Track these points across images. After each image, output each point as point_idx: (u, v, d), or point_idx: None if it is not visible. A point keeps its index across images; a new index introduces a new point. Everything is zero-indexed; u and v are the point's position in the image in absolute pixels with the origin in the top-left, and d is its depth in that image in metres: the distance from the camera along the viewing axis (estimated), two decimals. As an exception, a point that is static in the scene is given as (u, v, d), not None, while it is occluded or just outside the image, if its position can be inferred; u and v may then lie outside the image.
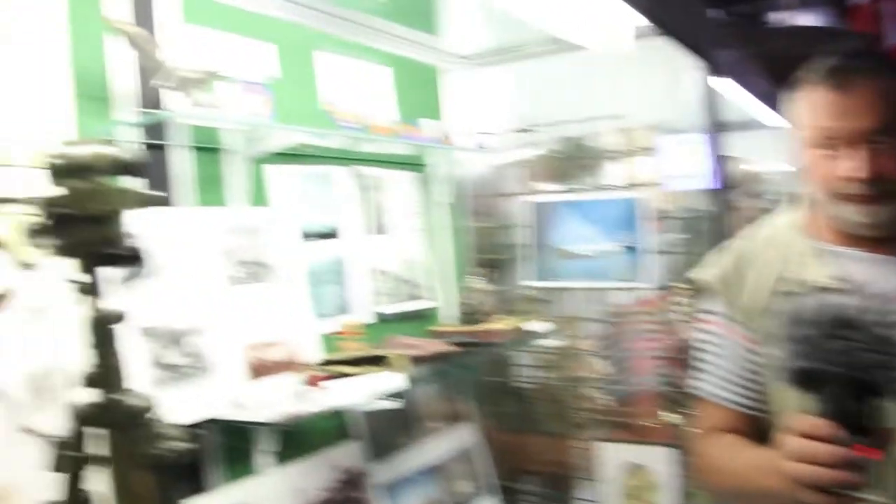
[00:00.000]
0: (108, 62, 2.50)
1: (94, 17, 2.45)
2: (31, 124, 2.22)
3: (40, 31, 2.28)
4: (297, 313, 2.98)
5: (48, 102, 2.27)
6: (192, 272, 2.63)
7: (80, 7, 2.41)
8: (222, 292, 2.74)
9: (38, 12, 2.27)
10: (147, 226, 1.66)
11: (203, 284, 2.67)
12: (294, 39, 3.19)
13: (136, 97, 2.54)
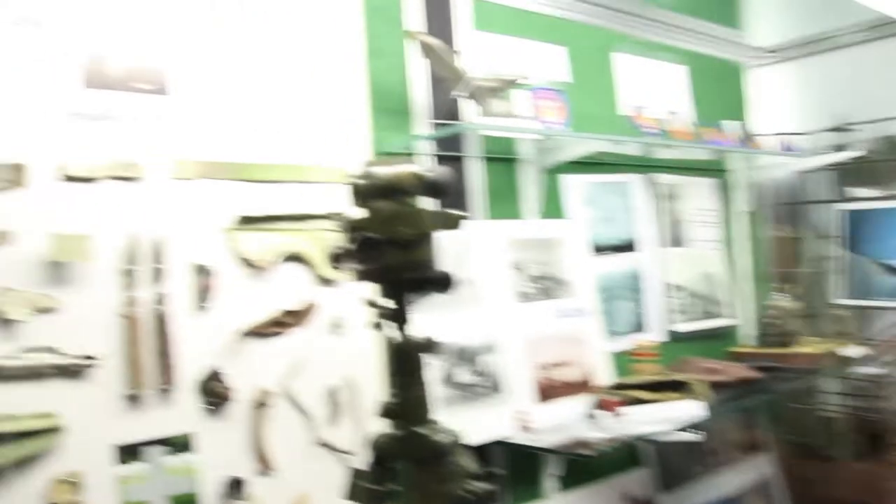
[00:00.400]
0: (404, 75, 2.47)
1: (389, 31, 2.46)
2: (328, 139, 2.24)
3: (337, 46, 2.30)
4: (588, 331, 2.80)
5: (345, 117, 2.29)
6: (485, 287, 2.54)
7: (376, 21, 2.42)
8: (513, 308, 2.63)
9: (335, 27, 2.30)
10: (451, 245, 1.55)
11: (495, 300, 2.58)
12: (587, 41, 3.02)
13: (431, 109, 2.50)
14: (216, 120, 2.04)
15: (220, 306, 2.00)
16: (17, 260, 1.74)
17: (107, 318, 1.84)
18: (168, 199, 1.95)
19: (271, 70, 2.15)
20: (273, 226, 2.10)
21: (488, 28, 2.72)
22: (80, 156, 1.83)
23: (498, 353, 2.53)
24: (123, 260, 1.87)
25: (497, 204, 2.67)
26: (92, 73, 1.86)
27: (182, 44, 2.01)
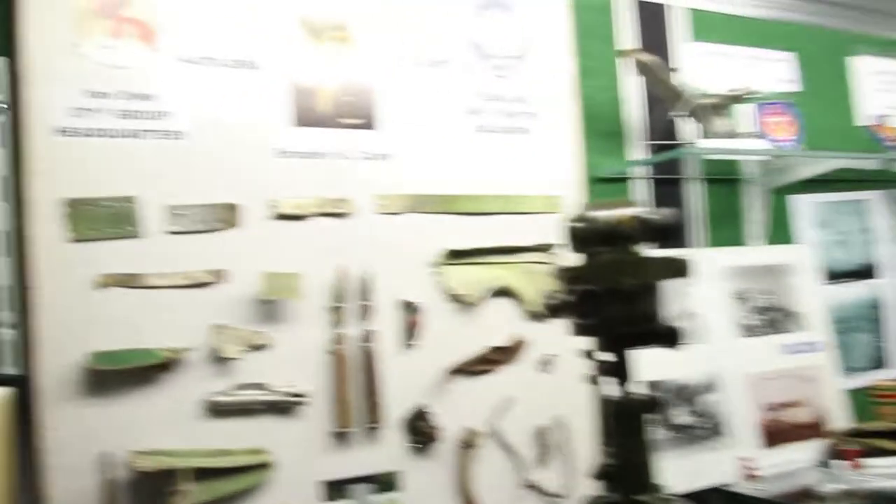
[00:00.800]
0: (618, 95, 2.34)
1: (601, 49, 2.35)
2: (539, 166, 2.14)
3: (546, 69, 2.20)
4: (821, 368, 2.52)
5: (556, 142, 2.17)
6: (705, 320, 2.34)
7: (587, 40, 2.31)
8: (736, 343, 2.41)
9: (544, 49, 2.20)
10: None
11: (716, 334, 2.37)
12: (818, 44, 2.73)
13: (646, 131, 2.34)
14: (424, 152, 2.00)
15: (428, 343, 1.95)
16: (231, 298, 1.77)
17: (315, 355, 1.84)
18: (376, 235, 1.93)
19: (479, 98, 2.08)
20: (481, 259, 2.03)
21: (707, 38, 2.52)
22: (290, 193, 1.84)
23: (719, 391, 2.33)
24: (332, 297, 1.86)
25: (718, 229, 2.47)
26: (301, 110, 1.87)
27: (389, 77, 1.99)
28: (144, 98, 1.74)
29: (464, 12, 2.09)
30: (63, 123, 1.67)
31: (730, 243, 2.49)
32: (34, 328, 1.62)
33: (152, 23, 1.76)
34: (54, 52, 1.67)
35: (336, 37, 1.93)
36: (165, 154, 1.75)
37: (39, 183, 1.64)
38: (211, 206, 1.77)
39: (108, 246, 1.69)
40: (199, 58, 1.79)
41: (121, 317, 1.68)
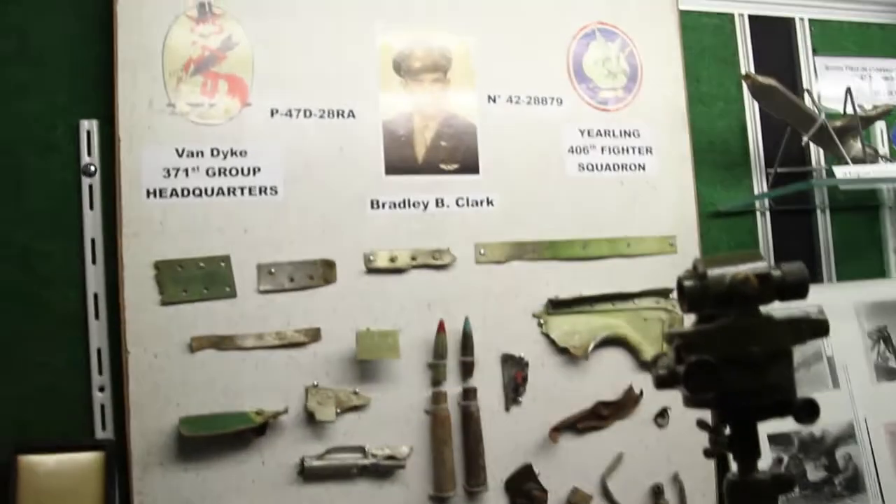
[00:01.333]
0: (736, 121, 2.17)
1: (717, 72, 2.19)
2: (648, 204, 1.99)
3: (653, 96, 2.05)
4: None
5: (666, 174, 2.01)
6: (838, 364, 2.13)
7: (700, 63, 2.17)
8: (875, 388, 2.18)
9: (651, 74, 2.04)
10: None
11: (851, 379, 2.15)
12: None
13: (764, 157, 2.16)
14: (525, 195, 1.89)
15: (533, 399, 1.83)
16: (326, 357, 1.71)
17: (414, 415, 1.76)
18: (477, 285, 1.83)
19: (583, 134, 1.95)
20: (589, 307, 1.89)
21: (835, 51, 2.31)
22: (386, 246, 1.76)
23: (857, 443, 2.09)
24: (431, 353, 1.76)
25: (851, 262, 2.24)
26: (397, 158, 1.80)
27: (487, 117, 1.89)
28: (237, 154, 1.70)
29: (565, 43, 1.96)
30: (155, 184, 1.65)
31: (865, 276, 2.26)
32: (126, 392, 1.59)
33: (245, 77, 1.72)
34: (147, 112, 1.66)
35: (432, 79, 1.84)
36: (258, 211, 1.71)
37: (131, 245, 1.63)
38: (304, 263, 1.71)
39: (200, 307, 1.65)
40: (292, 110, 1.74)
41: (213, 379, 1.65)
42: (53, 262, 1.65)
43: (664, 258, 1.97)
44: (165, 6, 1.69)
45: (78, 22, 1.70)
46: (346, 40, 1.80)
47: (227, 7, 1.73)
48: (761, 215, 2.17)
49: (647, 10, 2.04)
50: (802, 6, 2.29)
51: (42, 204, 1.66)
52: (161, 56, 1.67)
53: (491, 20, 1.91)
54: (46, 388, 1.63)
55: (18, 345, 1.62)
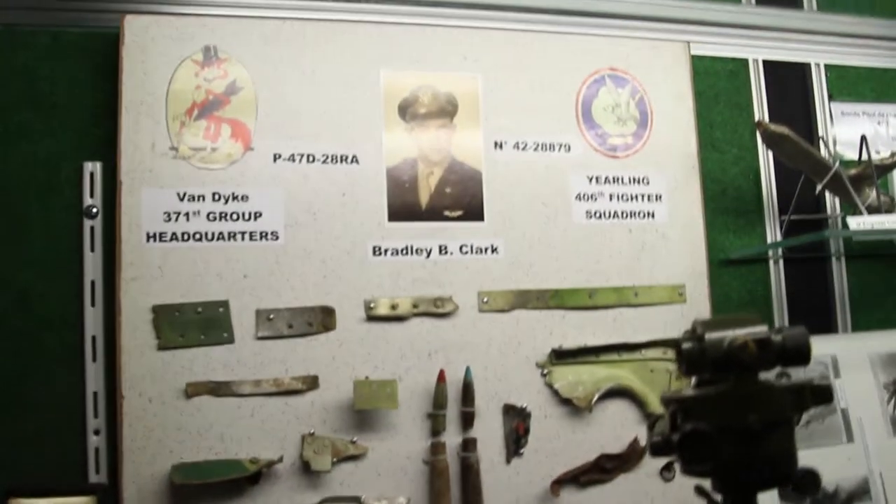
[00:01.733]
0: (748, 168, 2.14)
1: (729, 118, 2.16)
2: (654, 251, 1.96)
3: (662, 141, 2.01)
4: None
5: (678, 224, 1.98)
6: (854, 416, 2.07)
7: (711, 109, 2.14)
8: (892, 443, 2.11)
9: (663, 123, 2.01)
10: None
11: (868, 432, 2.09)
12: None
13: (783, 205, 2.11)
14: (530, 242, 1.86)
15: (535, 451, 1.79)
16: (323, 405, 1.69)
17: (412, 465, 1.72)
18: (479, 334, 1.80)
19: (591, 181, 1.93)
20: (594, 357, 1.85)
21: (851, 97, 2.27)
22: (387, 293, 1.74)
23: (871, 499, 2.03)
24: (430, 403, 1.73)
25: (867, 311, 2.19)
26: (400, 204, 1.78)
27: (493, 163, 1.87)
28: (238, 199, 1.69)
29: (574, 89, 1.94)
30: (155, 227, 1.65)
31: (882, 326, 2.20)
32: (119, 436, 1.58)
33: (249, 122, 1.72)
34: (149, 155, 1.66)
35: (437, 125, 1.83)
36: (258, 256, 1.70)
37: (129, 288, 1.62)
38: (303, 310, 1.69)
39: (197, 352, 1.64)
40: (295, 154, 1.74)
41: (208, 426, 1.63)
42: (53, 304, 1.65)
43: (673, 308, 1.93)
44: (171, 50, 1.70)
45: (85, 65, 1.72)
46: (351, 85, 1.79)
47: (233, 51, 1.73)
48: (774, 263, 2.13)
49: (659, 56, 2.02)
50: (818, 52, 2.26)
51: (43, 245, 1.66)
52: (165, 100, 1.67)
53: (498, 65, 1.90)
54: (42, 429, 1.62)
55: (15, 385, 1.62)
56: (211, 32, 1.72)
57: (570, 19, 2.01)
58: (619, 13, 2.05)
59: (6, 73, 1.69)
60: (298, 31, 1.78)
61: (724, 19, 2.17)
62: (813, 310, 2.16)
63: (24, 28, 1.71)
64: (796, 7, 2.28)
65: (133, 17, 1.68)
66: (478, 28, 1.91)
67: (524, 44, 1.92)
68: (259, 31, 1.76)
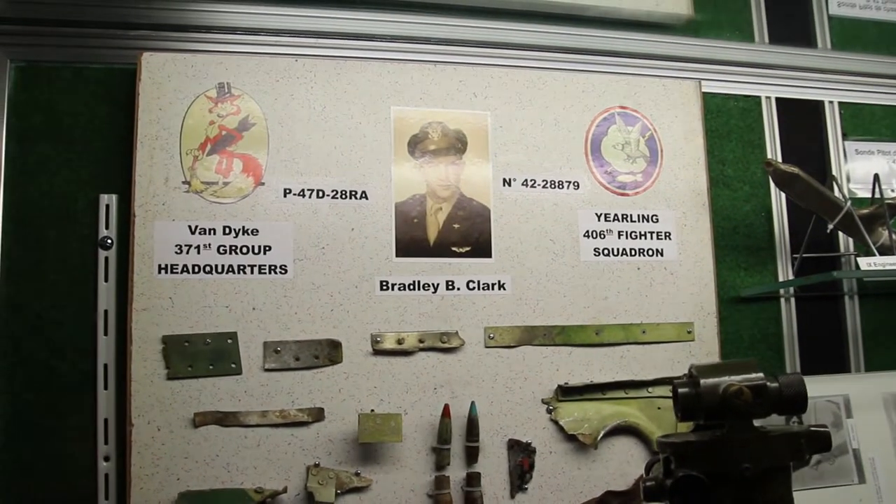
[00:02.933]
0: (759, 206, 2.14)
1: (740, 155, 2.17)
2: (663, 290, 1.97)
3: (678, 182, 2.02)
4: None
5: (688, 262, 1.99)
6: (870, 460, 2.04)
7: (722, 146, 2.16)
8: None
9: (673, 161, 2.03)
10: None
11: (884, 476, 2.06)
12: None
13: (795, 243, 2.11)
14: (538, 279, 1.88)
15: (539, 486, 1.79)
16: (328, 438, 1.70)
17: (416, 499, 1.73)
18: (485, 369, 1.81)
19: (600, 219, 1.94)
20: (601, 395, 1.85)
21: (865, 135, 2.27)
22: (393, 327, 1.76)
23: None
24: (435, 437, 1.74)
25: (880, 351, 2.17)
26: (408, 240, 1.80)
27: (501, 200, 1.88)
28: (248, 233, 1.72)
29: (584, 127, 1.96)
30: (167, 259, 1.68)
31: (895, 367, 2.18)
32: (128, 463, 1.61)
33: (260, 157, 1.75)
34: (163, 189, 1.70)
35: (447, 162, 1.85)
36: (267, 289, 1.72)
37: (140, 319, 1.65)
38: (310, 343, 1.72)
39: (205, 382, 1.67)
40: (305, 190, 1.77)
41: (215, 455, 1.65)
42: (67, 332, 1.68)
43: (681, 346, 1.93)
44: (186, 87, 1.74)
45: (103, 100, 1.77)
46: (362, 121, 1.83)
47: (246, 88, 1.77)
48: (786, 301, 2.12)
49: (669, 94, 2.04)
50: (832, 90, 2.26)
51: (59, 274, 1.70)
52: (179, 134, 1.71)
53: (508, 103, 1.92)
54: (53, 454, 1.65)
55: (28, 411, 1.65)
56: (225, 69, 1.77)
57: (581, 58, 2.03)
58: (629, 52, 2.07)
59: (29, 106, 1.74)
60: (310, 69, 1.81)
61: (737, 58, 2.18)
62: (825, 349, 2.14)
63: (48, 64, 1.76)
64: (810, 45, 2.28)
65: (150, 55, 1.73)
66: (488, 65, 1.94)
67: (534, 81, 1.95)
68: (271, 69, 1.79)
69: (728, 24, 2.22)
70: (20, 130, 1.73)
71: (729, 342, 2.01)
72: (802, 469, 1.93)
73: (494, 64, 1.95)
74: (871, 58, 2.31)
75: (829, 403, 2.05)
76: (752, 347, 2.06)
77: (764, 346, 2.07)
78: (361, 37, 1.91)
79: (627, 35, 2.08)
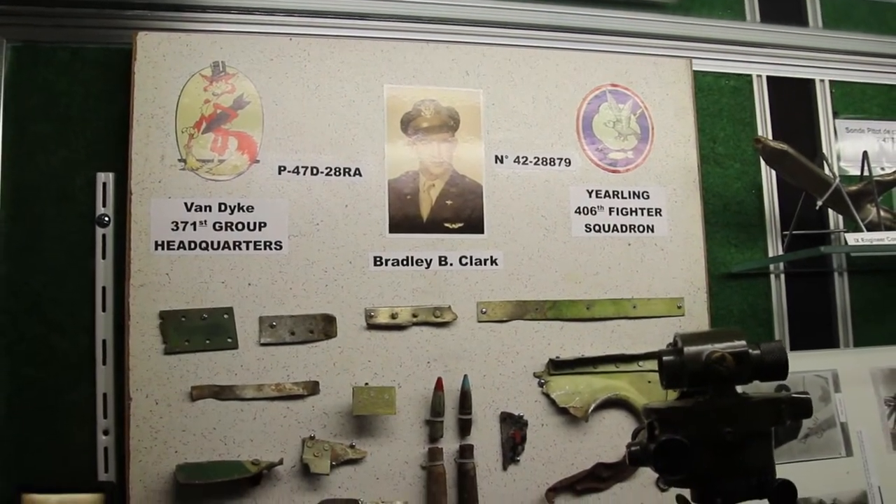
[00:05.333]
0: (749, 183, 2.16)
1: (731, 133, 2.18)
2: (652, 264, 1.99)
3: (669, 160, 2.04)
4: None
5: (678, 237, 2.02)
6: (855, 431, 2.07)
7: (714, 124, 2.17)
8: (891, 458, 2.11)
9: (664, 139, 2.04)
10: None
11: (867, 447, 2.09)
12: None
13: (785, 220, 2.13)
14: (530, 254, 1.90)
15: (531, 458, 1.83)
16: (323, 411, 1.73)
17: (410, 471, 1.76)
18: (477, 344, 1.84)
19: (591, 195, 1.96)
20: (591, 368, 1.88)
21: (855, 114, 2.28)
22: (387, 302, 1.79)
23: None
24: (429, 410, 1.77)
25: (868, 326, 2.19)
26: (402, 216, 1.83)
27: (494, 176, 1.91)
28: (244, 210, 1.75)
29: (575, 104, 1.98)
30: (163, 236, 1.70)
31: (884, 342, 2.20)
32: (127, 437, 1.64)
33: (255, 135, 1.78)
34: (159, 167, 1.72)
35: (439, 139, 1.87)
36: (262, 265, 1.75)
37: (138, 295, 1.68)
38: (305, 317, 1.74)
39: (202, 357, 1.70)
40: (300, 167, 1.79)
41: (212, 428, 1.68)
42: (65, 309, 1.71)
43: (671, 320, 1.96)
44: (181, 66, 1.76)
45: (100, 80, 1.79)
46: (355, 99, 1.85)
47: (240, 66, 1.79)
48: (776, 278, 2.14)
49: (660, 73, 2.06)
50: (823, 68, 2.28)
51: (56, 252, 1.72)
52: (175, 113, 1.74)
53: (500, 81, 1.94)
54: (54, 429, 1.68)
55: (28, 387, 1.68)
56: (220, 49, 1.79)
57: (572, 36, 2.05)
58: (621, 30, 2.08)
59: (26, 86, 1.76)
60: (304, 47, 1.83)
61: (728, 36, 2.19)
62: (814, 324, 2.17)
63: (44, 44, 1.78)
64: (801, 24, 2.30)
65: (145, 34, 1.75)
66: (480, 44, 1.96)
67: (526, 60, 1.97)
68: (266, 47, 1.82)
69: (719, 2, 2.23)
70: (17, 110, 1.75)
71: (719, 317, 2.04)
72: (791, 442, 1.98)
73: (487, 42, 1.97)
74: (862, 36, 2.32)
75: (818, 378, 2.08)
76: (742, 323, 2.09)
77: (754, 322, 2.10)
78: (354, 16, 1.92)
79: (619, 14, 2.10)
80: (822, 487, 2.00)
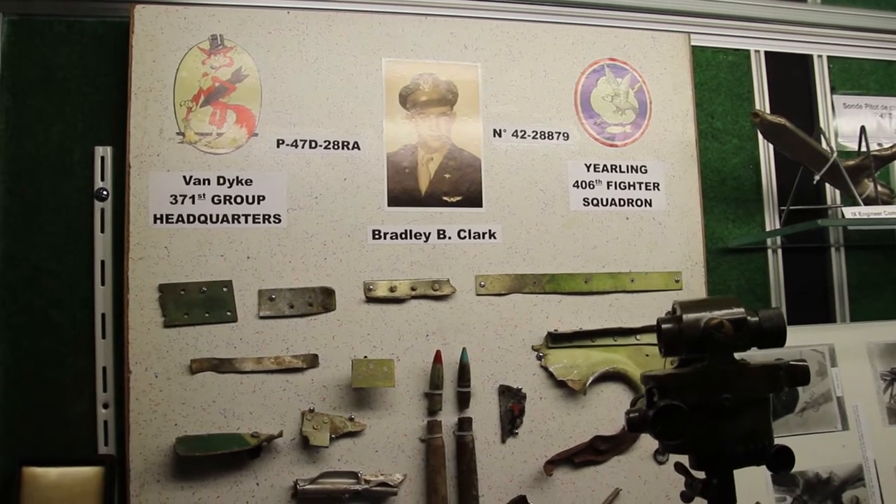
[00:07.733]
0: (747, 158, 2.17)
1: (729, 108, 2.18)
2: (651, 238, 1.99)
3: (667, 134, 2.04)
4: None
5: (676, 212, 2.02)
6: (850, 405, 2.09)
7: (712, 99, 2.17)
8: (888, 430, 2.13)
9: (663, 113, 2.04)
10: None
11: (863, 420, 2.11)
12: None
13: (783, 195, 2.13)
14: (528, 228, 1.91)
15: (529, 431, 1.84)
16: (323, 383, 1.74)
17: (408, 443, 1.77)
18: (476, 317, 1.84)
19: (589, 169, 1.96)
20: (590, 342, 1.89)
21: (853, 89, 2.28)
22: (386, 276, 1.79)
23: (865, 486, 2.05)
24: (427, 383, 1.78)
25: (865, 301, 2.20)
26: (400, 190, 1.83)
27: (492, 150, 1.91)
28: (242, 183, 1.75)
29: (573, 79, 1.98)
30: (162, 210, 1.70)
31: (880, 317, 2.22)
32: (126, 410, 1.65)
33: (253, 108, 1.77)
34: (157, 140, 1.72)
35: (438, 113, 1.87)
36: (261, 238, 1.75)
37: (137, 268, 1.68)
38: (304, 290, 1.75)
39: (201, 330, 1.70)
40: (298, 140, 1.79)
41: (211, 401, 1.69)
42: (64, 283, 1.71)
43: (669, 294, 1.97)
44: (179, 39, 1.75)
45: (97, 53, 1.78)
46: (353, 73, 1.84)
47: (238, 40, 1.79)
48: (773, 252, 2.15)
49: (658, 47, 2.05)
50: (821, 44, 2.27)
51: (55, 226, 1.72)
52: (173, 87, 1.73)
53: (499, 55, 1.94)
54: (54, 403, 1.69)
55: (28, 361, 1.69)
56: (217, 22, 1.78)
57: (571, 10, 2.04)
58: (619, 4, 2.08)
59: (23, 60, 1.76)
60: (301, 21, 1.83)
61: (726, 11, 2.19)
62: (811, 299, 2.18)
63: (41, 18, 1.77)
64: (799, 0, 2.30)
65: (142, 7, 1.74)
66: (478, 18, 1.95)
67: (524, 34, 1.96)
68: (263, 21, 1.81)
69: (718, -23, 2.23)
70: (14, 84, 1.75)
71: (716, 292, 2.05)
72: (787, 416, 1.99)
73: (485, 16, 1.97)
74: (860, 12, 2.32)
75: (815, 352, 2.09)
76: (739, 297, 2.07)
77: (751, 297, 2.11)
78: (352, -11, 1.92)
79: (617, -12, 2.10)
80: (818, 461, 2.01)
